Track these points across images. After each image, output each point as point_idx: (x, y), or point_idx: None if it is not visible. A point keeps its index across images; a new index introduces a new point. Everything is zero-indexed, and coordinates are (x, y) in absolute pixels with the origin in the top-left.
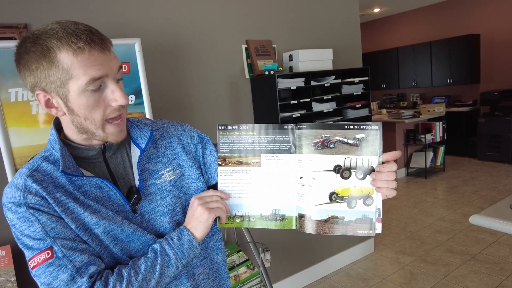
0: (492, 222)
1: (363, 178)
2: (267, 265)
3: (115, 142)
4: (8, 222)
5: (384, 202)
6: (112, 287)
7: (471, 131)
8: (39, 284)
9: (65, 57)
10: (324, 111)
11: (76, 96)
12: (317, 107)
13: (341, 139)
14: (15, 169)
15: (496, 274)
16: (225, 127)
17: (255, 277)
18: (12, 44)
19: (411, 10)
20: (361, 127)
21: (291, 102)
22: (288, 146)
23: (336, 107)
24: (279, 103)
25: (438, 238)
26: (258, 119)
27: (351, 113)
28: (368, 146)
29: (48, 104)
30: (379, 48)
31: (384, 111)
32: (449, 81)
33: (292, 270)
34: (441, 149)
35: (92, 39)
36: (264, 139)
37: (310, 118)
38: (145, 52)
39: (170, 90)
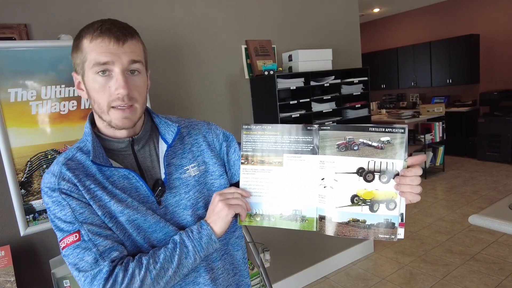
0: (491, 222)
1: (387, 181)
2: (267, 265)
3: (117, 127)
4: (45, 205)
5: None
6: (131, 273)
7: (471, 131)
8: (67, 263)
9: (85, 42)
10: (323, 111)
11: (89, 78)
12: (316, 107)
13: (365, 141)
14: (14, 169)
15: (495, 274)
16: (249, 126)
17: (255, 277)
18: (11, 45)
19: (411, 10)
20: (386, 129)
21: (291, 102)
22: (311, 147)
23: (336, 107)
24: (279, 103)
25: (437, 238)
26: (257, 119)
27: (351, 113)
28: (393, 149)
29: (79, 86)
30: (379, 48)
31: (383, 111)
32: (449, 81)
33: (291, 270)
34: (441, 149)
35: (109, 29)
36: (287, 140)
37: (310, 118)
38: None
39: (170, 90)
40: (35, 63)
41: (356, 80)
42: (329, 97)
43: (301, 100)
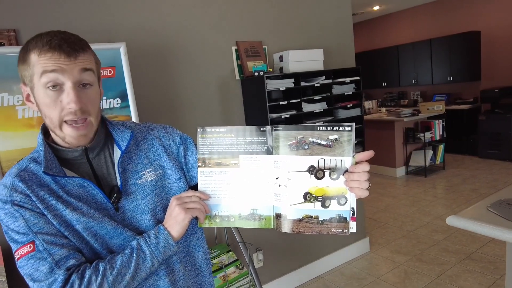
0: (468, 223)
1: (337, 178)
2: (260, 265)
3: (73, 145)
4: None
5: (382, 201)
6: (87, 280)
7: (472, 129)
8: (22, 274)
9: (33, 56)
10: (314, 111)
11: (37, 91)
12: (307, 107)
13: (314, 140)
14: (1, 173)
15: (490, 273)
16: (204, 130)
17: (244, 277)
18: (0, 50)
19: (411, 8)
20: (333, 128)
21: (281, 103)
22: (265, 148)
23: (327, 107)
24: (269, 104)
25: (434, 237)
26: (249, 120)
27: (343, 113)
28: (341, 147)
29: (28, 98)
30: (379, 46)
31: (383, 109)
32: (450, 78)
33: (285, 269)
34: (441, 147)
35: (59, 45)
36: (242, 141)
37: (300, 118)
38: (132, 55)
39: (160, 93)
40: None
41: (347, 80)
42: (320, 97)
43: (291, 101)
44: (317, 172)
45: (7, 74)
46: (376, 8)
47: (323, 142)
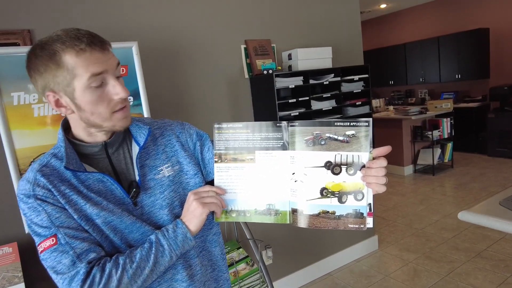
0: (480, 218)
1: (354, 173)
2: (269, 262)
3: (121, 129)
4: (21, 211)
5: (390, 199)
6: (108, 273)
7: (481, 127)
8: (46, 267)
9: (69, 58)
10: (323, 109)
11: (81, 93)
12: (316, 105)
13: (331, 136)
14: (19, 170)
15: (500, 271)
16: (220, 126)
17: (254, 273)
18: (16, 50)
19: (418, 5)
20: (351, 123)
21: (290, 101)
22: (281, 143)
23: (336, 105)
24: (278, 102)
25: (443, 235)
26: (258, 118)
27: (351, 111)
28: (358, 142)
29: (58, 104)
30: (386, 45)
31: (391, 107)
32: (458, 76)
33: (294, 267)
34: (449, 145)
35: (92, 41)
36: (258, 137)
37: (309, 116)
38: (144, 54)
39: (171, 91)
40: None
41: (356, 77)
42: (329, 95)
43: (300, 99)
44: (334, 167)
45: (23, 73)
46: (383, 6)
47: (340, 138)
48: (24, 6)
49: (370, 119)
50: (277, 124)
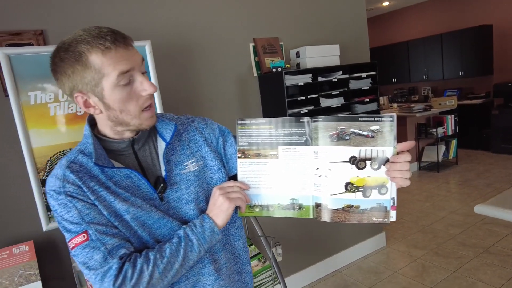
0: (497, 212)
1: (378, 168)
2: (279, 259)
3: (147, 127)
4: (51, 207)
5: (396, 196)
6: (139, 268)
7: (485, 123)
8: (77, 263)
9: (95, 58)
10: (332, 106)
11: (110, 92)
12: (324, 102)
13: (356, 131)
14: (36, 169)
15: (509, 266)
16: (243, 121)
17: (267, 270)
18: (31, 50)
19: (420, 3)
20: (375, 119)
21: (299, 99)
22: (304, 139)
23: (344, 102)
24: (287, 100)
25: (450, 232)
26: (267, 116)
27: (360, 108)
28: (383, 137)
29: (86, 104)
30: (389, 42)
31: (395, 105)
32: (461, 73)
33: (303, 264)
34: (453, 142)
35: (116, 38)
36: (281, 132)
37: (318, 113)
38: (155, 53)
39: (181, 90)
40: None
41: (364, 74)
42: (337, 92)
43: (309, 96)
44: (358, 162)
45: (39, 72)
46: (385, 4)
47: (365, 133)
48: (36, 6)
49: (395, 114)
50: (300, 120)
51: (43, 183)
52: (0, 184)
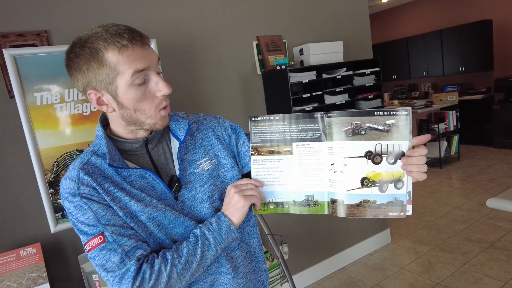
0: (510, 205)
1: (394, 162)
2: (285, 257)
3: (161, 127)
4: (66, 210)
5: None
6: (158, 269)
7: (486, 119)
8: (94, 265)
9: (111, 55)
10: (336, 103)
11: (125, 90)
12: (329, 99)
13: (371, 125)
14: (43, 170)
15: None
16: (256, 118)
17: (275, 268)
18: (37, 50)
19: None
20: (391, 113)
21: (304, 96)
22: (319, 134)
23: (349, 99)
24: (292, 97)
25: (455, 227)
26: (271, 114)
27: (364, 105)
28: (398, 131)
29: (99, 101)
30: (388, 39)
31: (396, 102)
32: (461, 69)
33: (309, 262)
34: (455, 138)
35: (133, 36)
36: (295, 128)
37: (323, 111)
38: (160, 52)
39: (185, 88)
40: (57, 67)
41: (368, 71)
42: (342, 89)
43: (313, 93)
44: (374, 157)
45: (44, 73)
46: (384, 0)
47: (380, 127)
48: (40, 7)
49: (409, 108)
50: (314, 115)
51: (50, 184)
52: (7, 186)
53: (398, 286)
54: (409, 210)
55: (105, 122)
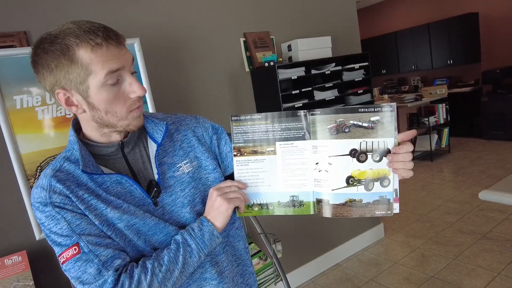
0: (502, 197)
1: (380, 160)
2: (279, 255)
3: (135, 128)
4: (37, 220)
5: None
6: (137, 279)
7: (475, 111)
8: (69, 278)
9: (84, 54)
10: (326, 99)
11: (96, 91)
12: (319, 95)
13: (356, 122)
14: (25, 175)
15: (507, 251)
16: (238, 118)
17: (268, 268)
18: (15, 52)
19: None
20: (375, 109)
21: (293, 92)
22: (302, 133)
23: (338, 94)
24: (281, 94)
25: (447, 220)
26: (261, 111)
27: (354, 100)
28: (383, 128)
29: (68, 102)
30: (377, 34)
31: (386, 96)
32: (450, 62)
33: (304, 259)
34: (445, 131)
35: (108, 35)
36: (278, 127)
37: (313, 107)
38: (145, 51)
39: (172, 87)
40: None
41: (357, 66)
42: (331, 84)
43: (303, 90)
44: (359, 155)
45: (24, 75)
46: None
47: (365, 124)
48: (19, 7)
49: (395, 104)
50: (297, 113)
51: None
52: None
53: (393, 280)
54: (396, 208)
55: (78, 126)
